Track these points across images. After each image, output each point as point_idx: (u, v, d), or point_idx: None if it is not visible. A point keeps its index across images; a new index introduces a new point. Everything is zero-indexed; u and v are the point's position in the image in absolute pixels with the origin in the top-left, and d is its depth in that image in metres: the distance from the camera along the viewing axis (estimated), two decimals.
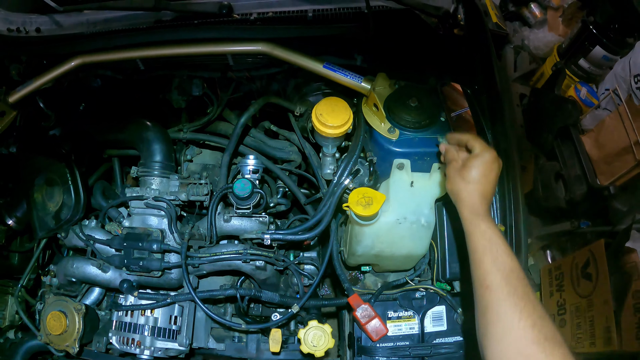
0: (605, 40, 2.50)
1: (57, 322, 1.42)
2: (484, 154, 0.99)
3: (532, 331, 0.78)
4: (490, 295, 0.84)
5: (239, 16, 1.44)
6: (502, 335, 0.81)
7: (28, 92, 1.54)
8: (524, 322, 0.79)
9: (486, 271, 0.86)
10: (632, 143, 2.11)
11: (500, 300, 0.83)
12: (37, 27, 1.62)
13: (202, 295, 1.33)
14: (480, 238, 0.91)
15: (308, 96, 1.60)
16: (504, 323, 0.81)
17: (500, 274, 0.85)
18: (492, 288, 0.84)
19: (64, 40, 1.54)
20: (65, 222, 1.54)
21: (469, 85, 1.53)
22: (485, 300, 0.85)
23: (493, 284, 0.84)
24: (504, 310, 0.82)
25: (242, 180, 1.26)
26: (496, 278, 0.85)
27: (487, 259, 0.87)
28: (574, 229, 2.25)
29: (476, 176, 0.98)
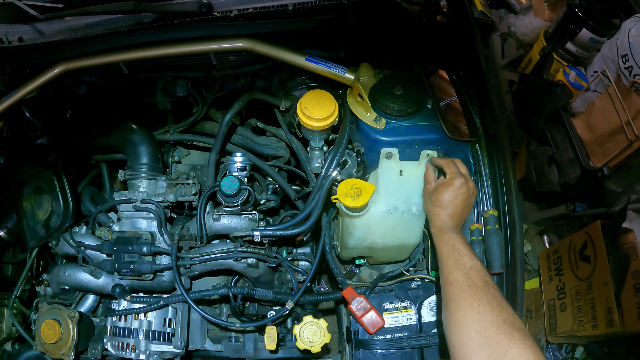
0: (591, 22, 2.49)
1: (52, 331, 1.41)
2: (453, 181, 1.12)
3: (491, 315, 0.85)
4: (453, 288, 0.94)
5: (219, 14, 1.43)
6: (463, 319, 0.88)
7: (13, 102, 1.52)
8: (482, 308, 0.87)
9: (449, 271, 0.97)
10: (624, 123, 2.10)
11: (461, 291, 0.92)
12: (19, 36, 1.61)
13: (195, 295, 1.31)
14: (444, 245, 1.02)
15: (293, 91, 1.59)
16: (464, 309, 0.89)
17: (462, 272, 0.95)
18: (454, 283, 0.94)
19: (47, 48, 1.53)
20: (55, 230, 1.53)
21: (454, 71, 1.52)
22: (449, 293, 0.94)
23: (455, 280, 0.94)
24: (464, 298, 0.90)
25: (229, 178, 1.25)
26: (458, 275, 0.95)
27: (450, 261, 0.99)
28: (570, 212, 2.23)
29: (443, 201, 1.11)
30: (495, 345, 0.81)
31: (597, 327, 1.89)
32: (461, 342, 0.86)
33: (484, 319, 0.85)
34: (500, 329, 0.82)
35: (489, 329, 0.83)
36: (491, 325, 0.83)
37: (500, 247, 1.23)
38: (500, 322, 0.83)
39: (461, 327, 0.87)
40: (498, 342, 0.81)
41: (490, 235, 1.24)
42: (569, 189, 2.28)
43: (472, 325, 0.85)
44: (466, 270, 0.95)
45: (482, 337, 0.83)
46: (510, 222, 1.26)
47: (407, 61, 1.57)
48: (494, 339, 0.81)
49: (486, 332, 0.83)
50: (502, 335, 0.81)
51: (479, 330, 0.84)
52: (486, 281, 0.93)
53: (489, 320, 0.84)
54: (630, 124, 2.05)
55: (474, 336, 0.84)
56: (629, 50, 2.17)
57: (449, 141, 1.33)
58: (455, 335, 0.88)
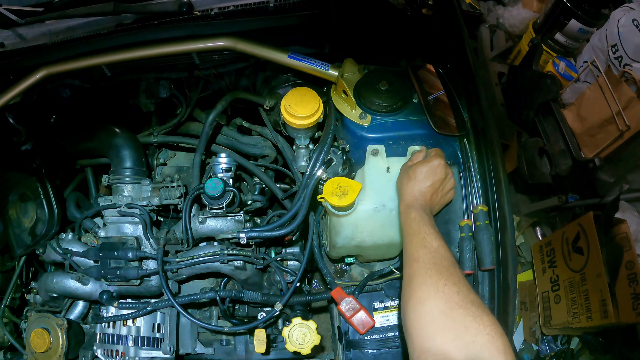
0: (580, 12, 2.48)
1: (41, 340, 1.40)
2: (433, 160, 1.10)
3: (458, 296, 0.77)
4: (417, 265, 0.87)
5: (199, 13, 1.41)
6: (427, 297, 0.80)
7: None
8: (448, 289, 0.79)
9: (414, 248, 0.91)
10: (614, 113, 2.09)
11: (426, 268, 0.85)
12: (0, 42, 1.59)
13: (182, 300, 1.30)
14: (411, 223, 0.97)
15: (277, 89, 1.56)
16: (428, 286, 0.81)
17: (427, 250, 0.89)
18: (419, 260, 0.87)
19: (29, 53, 1.51)
20: (42, 237, 1.51)
21: (441, 64, 1.50)
22: (412, 270, 0.87)
23: (420, 257, 0.88)
24: (429, 275, 0.83)
25: (213, 180, 1.23)
26: (423, 253, 0.89)
27: (415, 239, 0.93)
28: (562, 203, 2.23)
29: (418, 175, 1.08)
30: (463, 328, 0.73)
31: (591, 319, 1.89)
32: (423, 322, 0.77)
33: (450, 299, 0.77)
34: (467, 310, 0.75)
35: (456, 310, 0.75)
36: (458, 307, 0.76)
37: (490, 243, 1.21)
38: (468, 304, 0.76)
39: (423, 306, 0.79)
40: (466, 326, 0.73)
41: (480, 232, 1.22)
42: (560, 180, 2.28)
43: (437, 305, 0.77)
44: (432, 249, 0.89)
45: (448, 318, 0.75)
46: (500, 217, 1.24)
47: (393, 56, 1.56)
48: (460, 321, 0.74)
49: (452, 314, 0.75)
50: (471, 318, 0.73)
51: (445, 310, 0.76)
52: (453, 262, 0.87)
53: (455, 301, 0.77)
54: (621, 114, 2.04)
55: (438, 316, 0.76)
56: (618, 40, 2.16)
57: (437, 136, 1.31)
58: (417, 314, 0.79)
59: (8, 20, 1.45)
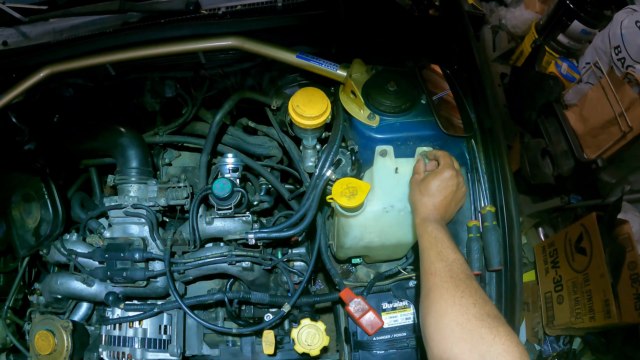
0: (582, 14, 2.49)
1: (45, 342, 1.39)
2: (443, 172, 1.11)
3: (474, 308, 0.81)
4: (434, 279, 0.90)
5: (206, 12, 1.40)
6: (445, 310, 0.83)
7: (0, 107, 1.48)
8: (465, 300, 0.83)
9: (431, 262, 0.94)
10: (617, 115, 2.10)
11: (443, 281, 0.88)
12: (3, 40, 1.58)
13: (190, 301, 1.29)
14: (427, 237, 0.99)
15: (284, 89, 1.56)
16: (446, 300, 0.85)
17: (444, 263, 0.92)
18: (436, 274, 0.90)
19: (32, 51, 1.49)
20: (46, 238, 1.49)
21: (448, 65, 1.50)
22: (429, 283, 0.90)
23: (437, 271, 0.91)
24: (446, 288, 0.86)
25: (221, 180, 1.22)
26: (440, 266, 0.91)
27: (432, 252, 0.95)
28: (565, 204, 2.24)
29: (431, 190, 1.09)
30: (479, 339, 0.76)
31: (594, 319, 1.90)
32: (441, 334, 0.81)
33: (466, 312, 0.81)
34: (484, 322, 0.78)
35: (472, 322, 0.79)
36: (474, 319, 0.79)
37: (498, 243, 1.21)
38: (484, 316, 0.79)
39: (442, 319, 0.83)
40: (481, 336, 0.76)
41: (488, 232, 1.22)
42: (563, 181, 2.28)
43: (454, 317, 0.81)
44: (449, 262, 0.92)
45: (465, 330, 0.78)
46: (507, 217, 1.25)
47: (399, 56, 1.55)
48: (477, 332, 0.77)
49: (469, 325, 0.79)
50: (486, 330, 0.77)
51: (462, 322, 0.80)
52: (468, 275, 0.90)
53: (472, 313, 0.80)
54: (624, 115, 2.05)
55: (455, 328, 0.79)
56: (621, 41, 2.17)
57: (444, 137, 1.31)
58: (435, 327, 0.83)
59: (11, 18, 1.42)
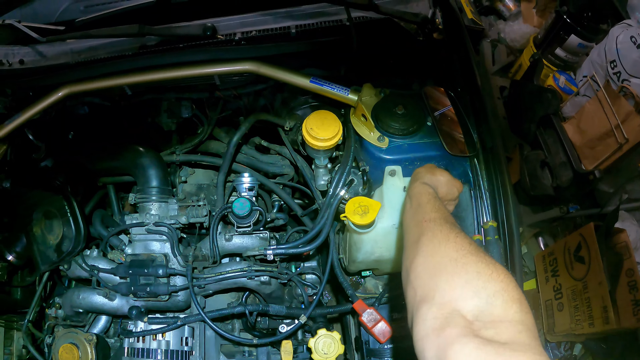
0: (579, 28, 2.56)
1: (70, 355, 1.43)
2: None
3: (471, 246, 0.70)
4: (428, 224, 0.79)
5: (223, 37, 1.46)
6: (437, 249, 0.72)
7: (17, 126, 1.51)
8: (461, 239, 0.72)
9: (426, 212, 0.83)
10: (613, 127, 2.17)
11: (437, 225, 0.78)
12: (20, 58, 1.61)
13: (212, 314, 1.35)
14: (427, 195, 0.90)
15: (296, 110, 1.63)
16: (439, 239, 0.74)
17: (440, 214, 0.82)
18: (432, 220, 0.80)
19: (49, 71, 1.52)
20: (67, 254, 1.54)
21: (451, 87, 1.57)
22: (422, 229, 0.79)
23: (433, 219, 0.80)
24: (440, 230, 0.76)
25: (241, 200, 1.29)
26: (437, 215, 0.81)
27: (429, 206, 0.86)
28: (564, 214, 2.30)
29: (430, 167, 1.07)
30: (475, 274, 0.65)
31: (593, 325, 1.96)
32: (430, 272, 0.69)
33: (462, 248, 0.69)
34: (481, 258, 0.67)
35: (468, 257, 0.67)
36: (470, 254, 0.68)
37: (500, 256, 1.28)
38: (481, 253, 0.68)
39: (432, 257, 0.71)
40: (478, 271, 0.65)
41: (491, 246, 1.29)
42: (561, 191, 2.35)
43: (447, 254, 0.70)
44: (445, 214, 0.82)
45: (458, 264, 0.67)
46: (508, 232, 1.32)
47: (406, 78, 1.63)
48: (472, 267, 0.66)
49: (463, 260, 0.67)
50: (484, 265, 0.65)
51: (456, 258, 0.68)
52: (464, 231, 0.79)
53: (468, 250, 0.69)
54: (620, 128, 2.13)
55: (448, 264, 0.68)
56: (617, 56, 2.25)
57: (449, 157, 1.39)
58: (423, 267, 0.71)
59: (27, 37, 1.43)
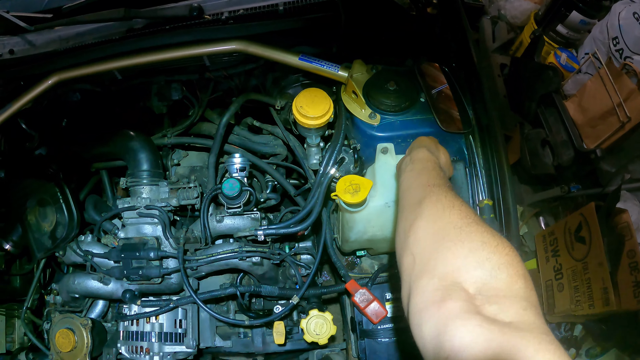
0: (581, 4, 2.50)
1: (66, 340, 1.44)
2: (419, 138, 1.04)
3: (476, 216, 0.65)
4: (433, 188, 0.73)
5: (210, 17, 1.43)
6: (441, 214, 0.65)
7: (9, 115, 1.51)
8: (466, 208, 0.66)
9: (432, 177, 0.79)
10: (615, 105, 2.13)
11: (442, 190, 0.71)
12: (10, 48, 1.60)
13: (204, 296, 1.35)
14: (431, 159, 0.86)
15: (287, 89, 1.60)
16: (443, 204, 0.67)
17: (445, 182, 0.78)
18: (437, 185, 0.74)
19: (39, 59, 1.52)
20: (62, 240, 1.55)
21: (446, 63, 1.54)
22: (426, 192, 0.73)
23: (438, 184, 0.75)
24: (444, 195, 0.69)
25: (230, 180, 1.27)
26: (442, 182, 0.76)
27: (435, 172, 0.81)
28: (565, 193, 2.27)
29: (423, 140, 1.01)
30: (479, 243, 0.59)
31: (594, 306, 1.94)
32: (432, 238, 0.63)
33: (467, 216, 0.64)
34: (486, 229, 0.62)
35: (473, 226, 0.62)
36: (475, 224, 0.62)
37: None
38: (486, 225, 0.63)
39: (435, 223, 0.65)
40: (483, 241, 0.60)
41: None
42: (562, 170, 2.32)
43: (451, 220, 0.64)
44: (449, 185, 0.77)
45: (463, 232, 0.61)
46: (504, 210, 1.29)
47: (399, 55, 1.59)
48: (477, 236, 0.60)
49: (468, 228, 0.62)
50: (489, 236, 0.60)
51: (460, 226, 0.62)
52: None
53: (473, 218, 0.63)
54: (622, 106, 2.08)
55: (452, 231, 0.62)
56: (619, 32, 2.19)
57: (443, 134, 1.36)
58: (425, 231, 0.65)
59: (17, 27, 1.43)
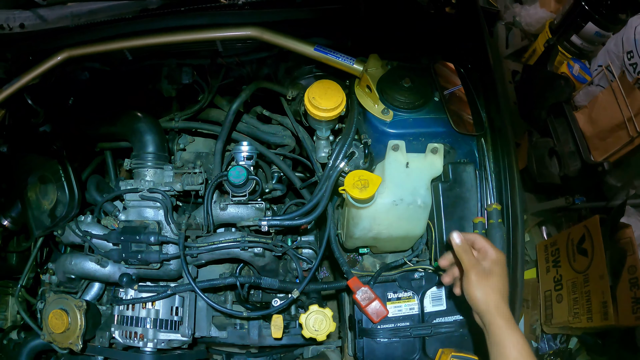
0: (597, 16, 2.48)
1: (59, 321, 1.41)
2: (500, 258, 1.03)
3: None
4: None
5: (226, 1, 1.41)
6: None
7: (15, 90, 1.48)
8: None
9: None
10: (626, 119, 2.11)
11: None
12: (21, 22, 1.57)
13: (203, 285, 1.32)
14: (512, 349, 0.94)
15: (299, 79, 1.58)
16: None
17: None
18: None
19: (49, 35, 1.50)
20: (61, 219, 1.52)
21: (461, 64, 1.52)
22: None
23: None
24: None
25: (237, 168, 1.25)
26: None
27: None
28: (569, 204, 2.26)
29: (499, 283, 1.01)
30: None
31: (592, 320, 1.93)
32: None
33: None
34: None
35: None
36: None
37: (502, 240, 1.25)
38: None
39: None
40: None
41: (493, 229, 1.25)
42: (568, 181, 2.30)
43: None
44: None
45: None
46: (512, 216, 1.27)
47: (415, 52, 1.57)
48: None
49: None
50: None
51: None
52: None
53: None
54: (633, 120, 2.06)
55: None
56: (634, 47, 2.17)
57: (455, 134, 1.34)
58: None
59: (29, 0, 1.45)
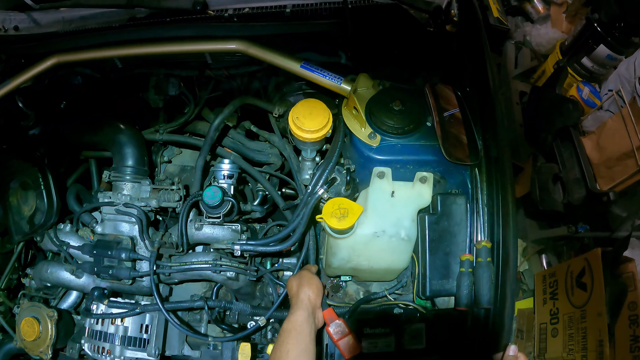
0: (609, 38, 2.38)
1: (31, 329, 1.40)
2: None
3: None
4: None
5: (213, 12, 1.37)
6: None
7: (7, 92, 1.49)
8: None
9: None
10: (635, 148, 2.01)
11: None
12: (15, 25, 1.60)
13: (171, 306, 1.28)
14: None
15: (288, 96, 1.53)
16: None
17: None
18: None
19: (41, 39, 1.51)
20: (39, 226, 1.50)
21: (459, 86, 1.44)
22: None
23: None
24: None
25: (212, 188, 1.20)
26: None
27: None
28: (572, 233, 2.16)
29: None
30: None
31: (586, 358, 1.84)
32: None
33: None
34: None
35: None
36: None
37: (490, 281, 1.16)
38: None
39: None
40: None
41: (481, 268, 1.18)
42: (572, 209, 2.20)
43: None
44: None
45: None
46: (503, 255, 1.19)
47: (411, 71, 1.50)
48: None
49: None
50: None
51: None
52: None
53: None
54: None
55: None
56: None
57: (447, 163, 1.27)
58: None
59: (24, 4, 1.48)
